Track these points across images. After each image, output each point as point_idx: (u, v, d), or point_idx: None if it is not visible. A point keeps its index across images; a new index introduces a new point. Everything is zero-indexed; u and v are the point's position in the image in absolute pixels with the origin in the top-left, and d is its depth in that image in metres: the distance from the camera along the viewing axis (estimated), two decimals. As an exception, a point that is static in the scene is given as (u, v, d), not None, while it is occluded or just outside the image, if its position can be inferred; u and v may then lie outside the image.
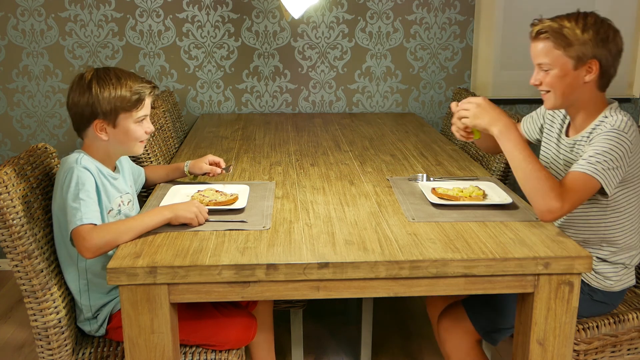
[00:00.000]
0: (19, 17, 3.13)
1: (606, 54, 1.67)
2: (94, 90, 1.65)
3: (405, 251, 1.50)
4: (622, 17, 3.42)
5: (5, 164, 1.58)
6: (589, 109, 1.75)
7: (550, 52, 1.68)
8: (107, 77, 1.68)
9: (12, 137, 3.29)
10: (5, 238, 1.53)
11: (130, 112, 1.68)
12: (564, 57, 1.67)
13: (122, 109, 1.67)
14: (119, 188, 1.76)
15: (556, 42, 1.66)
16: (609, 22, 1.69)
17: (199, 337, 1.72)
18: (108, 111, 1.66)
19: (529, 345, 1.54)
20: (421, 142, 2.68)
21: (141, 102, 1.70)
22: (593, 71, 1.68)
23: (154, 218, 1.60)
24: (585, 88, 1.71)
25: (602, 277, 1.78)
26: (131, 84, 1.69)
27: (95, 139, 1.70)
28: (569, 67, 1.67)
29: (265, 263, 1.44)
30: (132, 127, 1.70)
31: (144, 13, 3.18)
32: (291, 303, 2.19)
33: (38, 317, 1.59)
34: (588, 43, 1.65)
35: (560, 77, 1.69)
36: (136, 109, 1.69)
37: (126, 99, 1.67)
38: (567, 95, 1.72)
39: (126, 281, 1.42)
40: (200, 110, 3.35)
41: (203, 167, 2.00)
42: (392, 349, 2.63)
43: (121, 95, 1.66)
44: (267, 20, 3.25)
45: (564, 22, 1.67)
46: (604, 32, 1.66)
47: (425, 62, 3.37)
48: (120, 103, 1.66)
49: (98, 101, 1.65)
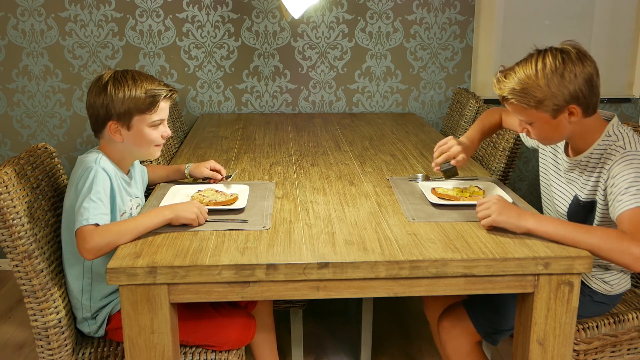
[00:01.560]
0: (19, 17, 3.13)
1: (580, 92, 1.56)
2: (109, 91, 1.65)
3: (405, 251, 1.50)
4: (622, 17, 3.43)
5: (5, 164, 1.58)
6: (585, 134, 1.67)
7: (524, 112, 1.61)
8: (124, 79, 1.67)
9: (12, 137, 3.29)
10: (5, 238, 1.53)
11: (144, 115, 1.68)
12: (539, 113, 1.59)
13: (136, 110, 1.66)
14: (130, 192, 1.76)
15: (526, 103, 1.58)
16: (570, 55, 1.56)
17: (198, 337, 1.72)
18: (122, 113, 1.66)
19: (529, 345, 1.54)
20: (421, 142, 2.68)
21: (156, 105, 1.69)
22: (575, 112, 1.59)
23: (155, 219, 1.60)
24: (573, 125, 1.63)
25: (602, 282, 1.78)
26: (147, 86, 1.68)
27: (110, 141, 1.70)
28: (549, 118, 1.60)
29: (265, 263, 1.44)
30: (146, 130, 1.69)
31: (144, 13, 3.18)
32: (291, 303, 2.19)
33: (38, 317, 1.59)
34: (557, 94, 1.55)
35: (544, 128, 1.63)
36: (150, 112, 1.68)
37: (140, 101, 1.66)
38: (558, 136, 1.67)
39: (126, 281, 1.42)
40: (200, 110, 3.35)
41: (204, 171, 2.00)
42: (392, 349, 2.63)
43: (135, 96, 1.66)
44: (267, 20, 3.25)
45: (523, 78, 1.56)
46: (568, 73, 1.54)
47: (425, 62, 3.37)
48: (134, 105, 1.66)
49: (112, 102, 1.65)
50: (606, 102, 3.47)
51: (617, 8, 3.41)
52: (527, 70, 1.57)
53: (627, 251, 1.44)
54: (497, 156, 2.41)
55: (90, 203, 1.55)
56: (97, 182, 1.59)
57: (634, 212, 1.50)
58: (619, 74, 3.51)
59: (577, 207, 1.73)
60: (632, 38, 3.47)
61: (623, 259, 1.45)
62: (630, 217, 1.50)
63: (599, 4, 3.39)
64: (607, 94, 3.50)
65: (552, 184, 1.85)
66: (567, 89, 1.55)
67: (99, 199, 1.57)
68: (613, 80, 3.51)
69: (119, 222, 1.60)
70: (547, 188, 1.90)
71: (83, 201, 1.55)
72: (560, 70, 1.55)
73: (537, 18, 3.37)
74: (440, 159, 1.91)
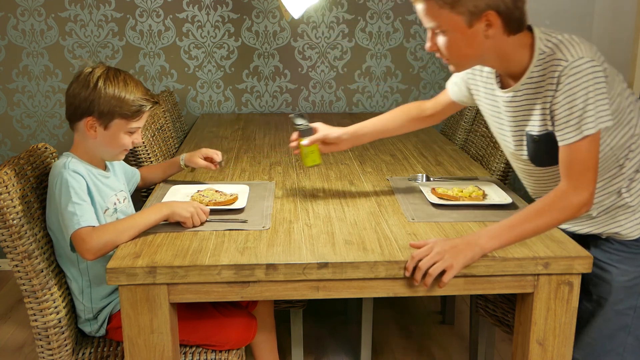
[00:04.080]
0: (19, 17, 3.13)
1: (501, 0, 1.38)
2: (99, 88, 1.63)
3: (405, 251, 1.50)
4: (622, 17, 3.43)
5: (5, 164, 1.58)
6: (512, 55, 1.47)
7: (435, 13, 1.41)
8: (116, 79, 1.66)
9: (12, 137, 3.29)
10: (5, 238, 1.53)
11: (126, 120, 1.67)
12: (452, 15, 1.39)
13: (119, 114, 1.65)
14: (112, 186, 1.75)
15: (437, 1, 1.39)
16: None
17: (198, 337, 1.72)
18: (105, 112, 1.64)
19: (528, 345, 1.54)
20: (421, 142, 2.68)
21: (140, 115, 1.69)
22: (493, 23, 1.40)
23: (152, 215, 1.60)
24: (492, 41, 1.44)
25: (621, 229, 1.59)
26: (137, 94, 1.67)
27: (85, 136, 1.68)
28: (463, 26, 1.40)
29: (264, 263, 1.44)
30: (121, 135, 1.68)
31: (144, 13, 3.18)
32: (291, 303, 2.18)
33: (38, 317, 1.59)
34: None
35: (457, 39, 1.43)
36: (133, 120, 1.68)
37: (127, 107, 1.65)
38: (473, 56, 1.47)
39: (126, 281, 1.43)
40: (200, 110, 3.35)
41: (199, 162, 1.99)
42: (392, 349, 2.63)
43: (124, 100, 1.64)
44: (267, 20, 3.25)
45: None
46: None
47: (425, 62, 3.37)
48: (119, 108, 1.64)
49: (99, 99, 1.63)
50: (606, 102, 3.47)
51: (617, 8, 3.41)
52: None
53: (569, 207, 1.42)
54: (497, 156, 2.41)
55: (75, 206, 1.54)
56: (72, 185, 1.57)
57: (571, 149, 1.40)
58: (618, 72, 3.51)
59: (534, 144, 1.54)
60: (632, 38, 3.46)
61: (569, 215, 1.44)
62: (569, 157, 1.41)
63: (599, 4, 3.39)
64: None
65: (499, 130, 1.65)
66: None
67: (81, 200, 1.57)
68: (613, 80, 3.51)
69: (116, 221, 1.60)
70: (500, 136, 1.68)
71: (67, 206, 1.55)
72: None
73: (537, 18, 3.36)
74: None
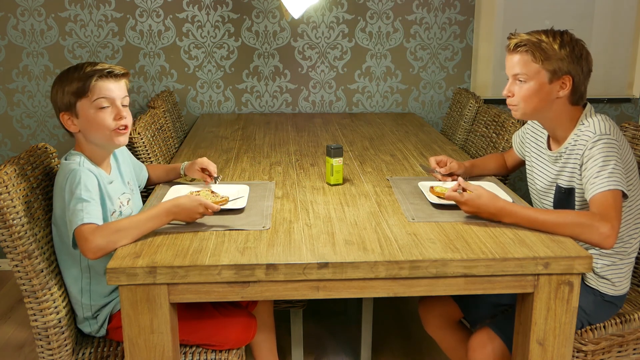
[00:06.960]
0: (19, 17, 3.13)
1: (579, 71, 1.72)
2: (54, 84, 1.68)
3: (405, 251, 1.50)
4: (622, 17, 3.43)
5: (5, 164, 1.58)
6: (565, 122, 1.78)
7: (527, 65, 1.72)
8: (67, 70, 1.68)
9: (12, 137, 3.29)
10: (5, 238, 1.53)
11: (83, 98, 1.65)
12: (540, 70, 1.71)
13: (74, 95, 1.65)
14: (117, 189, 1.76)
15: (534, 55, 1.71)
16: (582, 42, 1.74)
17: (199, 337, 1.72)
18: (66, 102, 1.66)
19: (528, 345, 1.54)
20: (421, 142, 2.68)
21: (89, 85, 1.64)
22: (566, 87, 1.72)
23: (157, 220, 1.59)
24: (557, 103, 1.75)
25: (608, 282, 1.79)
26: (84, 69, 1.66)
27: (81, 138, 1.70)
28: (544, 80, 1.72)
29: (265, 263, 1.44)
30: (93, 114, 1.65)
31: (144, 13, 3.18)
32: (291, 303, 2.19)
33: (38, 317, 1.59)
34: (565, 59, 1.70)
35: (535, 90, 1.73)
36: (86, 94, 1.64)
37: (74, 85, 1.64)
38: (539, 109, 1.76)
39: (126, 281, 1.42)
40: (200, 110, 3.35)
41: (195, 173, 1.99)
42: (392, 349, 2.63)
43: (71, 82, 1.65)
44: (267, 20, 3.25)
45: (541, 36, 1.71)
46: (578, 50, 1.71)
47: (425, 62, 3.37)
48: (71, 90, 1.65)
49: (56, 94, 1.67)
50: (606, 102, 3.47)
51: (617, 8, 3.41)
52: (547, 33, 1.73)
53: (596, 230, 1.56)
54: (497, 156, 2.41)
55: (83, 203, 1.54)
56: (84, 182, 1.58)
57: (604, 195, 1.62)
58: (619, 74, 3.51)
59: (559, 194, 1.82)
60: (632, 38, 3.47)
61: (593, 237, 1.57)
62: (600, 200, 1.62)
63: (599, 4, 3.39)
64: (607, 94, 3.50)
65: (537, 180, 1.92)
66: (572, 61, 1.70)
67: (91, 198, 1.57)
68: (613, 80, 3.51)
69: (119, 221, 1.59)
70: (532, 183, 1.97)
71: (75, 203, 1.55)
72: (573, 44, 1.72)
73: (537, 18, 3.37)
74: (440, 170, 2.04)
